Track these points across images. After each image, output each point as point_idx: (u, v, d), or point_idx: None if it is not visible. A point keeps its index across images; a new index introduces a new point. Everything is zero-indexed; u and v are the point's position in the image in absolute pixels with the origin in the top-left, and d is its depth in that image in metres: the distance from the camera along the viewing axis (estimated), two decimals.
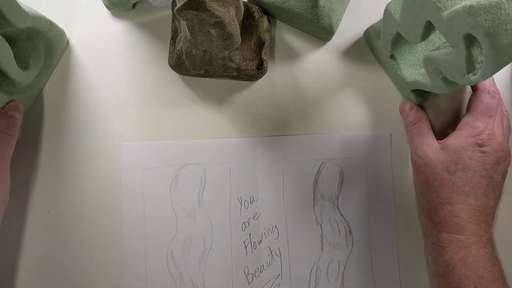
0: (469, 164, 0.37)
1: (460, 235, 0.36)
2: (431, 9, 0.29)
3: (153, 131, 0.46)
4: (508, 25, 0.24)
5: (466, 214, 0.36)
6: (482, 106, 0.39)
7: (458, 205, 0.37)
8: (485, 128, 0.38)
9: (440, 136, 0.41)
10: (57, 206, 0.45)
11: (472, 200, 0.37)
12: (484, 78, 0.28)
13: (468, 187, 0.37)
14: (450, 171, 0.37)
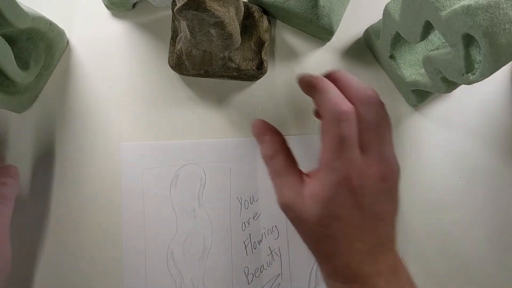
0: (341, 213, 0.30)
1: (356, 283, 0.31)
2: (430, 9, 0.29)
3: (153, 131, 0.46)
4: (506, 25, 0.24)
5: (357, 261, 0.30)
6: (333, 140, 0.30)
7: (344, 256, 0.31)
8: (348, 167, 0.30)
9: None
10: (57, 206, 0.45)
11: (359, 244, 0.30)
12: (483, 78, 0.28)
13: (349, 236, 0.30)
14: (323, 224, 0.30)
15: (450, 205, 0.46)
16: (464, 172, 0.46)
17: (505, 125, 0.47)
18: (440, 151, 0.46)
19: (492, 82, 0.47)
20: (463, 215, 0.46)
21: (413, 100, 0.44)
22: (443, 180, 0.46)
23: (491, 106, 0.47)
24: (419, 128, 0.46)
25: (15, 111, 0.44)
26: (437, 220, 0.46)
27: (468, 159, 0.46)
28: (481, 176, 0.46)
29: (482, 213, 0.46)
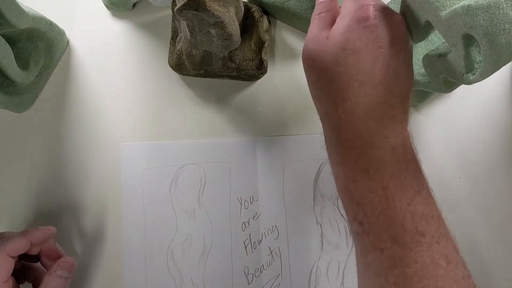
0: (359, 44, 0.29)
1: (358, 139, 0.29)
2: (430, 9, 0.29)
3: (153, 131, 0.46)
4: (506, 25, 0.24)
5: (363, 110, 0.29)
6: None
7: (352, 100, 0.29)
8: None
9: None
10: (57, 206, 0.45)
11: (368, 89, 0.29)
12: (483, 78, 0.28)
13: (361, 74, 0.29)
14: (339, 60, 0.29)
15: (450, 205, 0.46)
16: (464, 172, 0.46)
17: (505, 125, 0.47)
18: (440, 151, 0.46)
19: (492, 82, 0.47)
20: (463, 215, 0.46)
21: (413, 100, 0.44)
22: (443, 180, 0.46)
23: (491, 106, 0.47)
24: (419, 128, 0.46)
25: (15, 111, 0.44)
26: None
27: (468, 159, 0.46)
28: (481, 176, 0.46)
29: (482, 213, 0.46)
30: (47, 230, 0.39)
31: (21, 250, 0.36)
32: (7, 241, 0.36)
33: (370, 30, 0.29)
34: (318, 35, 0.31)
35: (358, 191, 0.29)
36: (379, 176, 0.28)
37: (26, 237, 0.37)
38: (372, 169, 0.28)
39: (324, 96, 0.31)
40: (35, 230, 0.38)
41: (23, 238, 0.37)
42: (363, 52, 0.29)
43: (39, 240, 0.38)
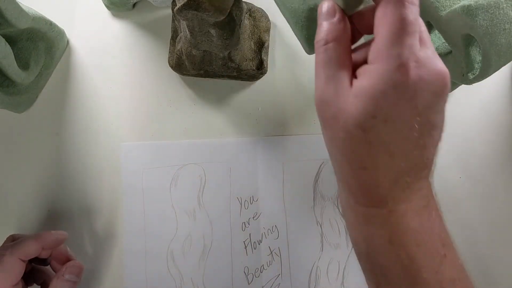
0: (392, 113, 0.25)
1: (382, 209, 0.27)
2: (430, 9, 0.29)
3: (153, 131, 0.46)
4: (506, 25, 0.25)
5: (390, 181, 0.26)
6: (396, 22, 0.24)
7: (378, 172, 0.26)
8: (408, 53, 0.24)
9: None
10: (57, 206, 0.45)
11: (398, 160, 0.26)
12: (483, 78, 0.28)
13: (392, 145, 0.25)
14: (365, 126, 0.25)
15: (450, 205, 0.46)
16: (464, 172, 0.46)
17: (505, 125, 0.47)
18: (440, 151, 0.46)
19: (492, 82, 0.47)
20: (463, 214, 0.46)
21: None
22: (443, 180, 0.46)
23: (491, 106, 0.47)
24: None
25: (15, 111, 0.44)
26: None
27: (468, 159, 0.46)
28: (481, 176, 0.46)
29: (482, 213, 0.46)
30: (60, 235, 0.39)
31: (32, 254, 0.36)
32: (19, 245, 0.36)
33: (408, 97, 0.24)
34: (340, 83, 0.26)
35: (381, 260, 0.27)
36: (404, 245, 0.26)
37: (38, 241, 0.37)
38: (396, 238, 0.26)
39: (342, 158, 0.27)
40: (47, 234, 0.38)
41: (35, 242, 0.36)
42: (396, 123, 0.25)
43: (51, 245, 0.38)
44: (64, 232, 0.39)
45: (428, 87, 0.25)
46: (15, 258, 0.35)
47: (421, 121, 0.25)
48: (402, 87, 0.24)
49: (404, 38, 0.24)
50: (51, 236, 0.38)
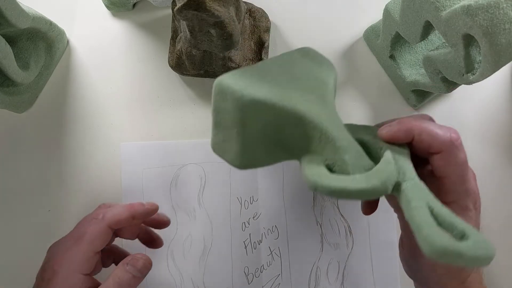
0: None
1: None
2: (430, 9, 0.29)
3: (153, 131, 0.46)
4: (506, 25, 0.25)
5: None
6: (465, 166, 0.30)
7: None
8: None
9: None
10: (57, 206, 0.45)
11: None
12: (483, 78, 0.28)
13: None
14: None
15: None
16: None
17: (505, 125, 0.47)
18: None
19: (492, 82, 0.47)
20: None
21: (413, 100, 0.44)
22: None
23: (491, 106, 0.47)
24: None
25: (15, 111, 0.44)
26: None
27: (468, 159, 0.46)
28: (481, 176, 0.46)
29: (482, 213, 0.46)
30: (150, 205, 0.37)
31: (122, 222, 0.35)
32: (111, 211, 0.35)
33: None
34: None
35: None
36: None
37: (129, 210, 0.35)
38: None
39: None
40: (139, 204, 0.36)
41: (126, 210, 0.35)
42: None
43: (142, 214, 0.36)
44: (154, 203, 0.37)
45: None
46: (104, 225, 0.34)
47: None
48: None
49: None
50: (142, 206, 0.36)
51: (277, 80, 0.29)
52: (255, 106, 0.27)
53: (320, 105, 0.28)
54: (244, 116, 0.27)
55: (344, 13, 0.47)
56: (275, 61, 0.31)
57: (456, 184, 0.29)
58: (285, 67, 0.30)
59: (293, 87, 0.28)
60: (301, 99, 0.28)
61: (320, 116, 0.27)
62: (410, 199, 0.25)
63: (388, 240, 0.45)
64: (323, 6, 0.47)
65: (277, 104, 0.27)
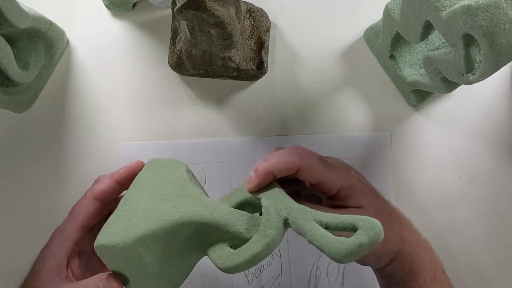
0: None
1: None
2: (430, 9, 0.29)
3: (153, 131, 0.46)
4: (506, 25, 0.25)
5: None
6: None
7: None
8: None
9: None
10: (57, 206, 0.45)
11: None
12: (483, 78, 0.28)
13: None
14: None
15: (450, 205, 0.46)
16: (464, 172, 0.46)
17: (505, 125, 0.47)
18: (440, 151, 0.46)
19: (492, 82, 0.47)
20: (463, 214, 0.46)
21: (413, 100, 0.44)
22: (443, 180, 0.46)
23: (491, 106, 0.47)
24: (419, 128, 0.46)
25: (15, 111, 0.44)
26: (437, 220, 0.46)
27: (468, 159, 0.46)
28: (481, 176, 0.46)
29: (482, 213, 0.46)
30: (133, 165, 0.35)
31: (107, 191, 0.34)
32: (96, 184, 0.35)
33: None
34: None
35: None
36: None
37: (111, 176, 0.34)
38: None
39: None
40: (121, 168, 0.35)
41: (108, 178, 0.34)
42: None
43: (124, 177, 0.35)
44: (138, 161, 0.36)
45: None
46: (89, 198, 0.34)
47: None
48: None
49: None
50: (123, 168, 0.35)
51: (143, 207, 0.30)
52: (141, 242, 0.28)
53: (189, 203, 0.29)
54: (140, 254, 0.28)
55: (344, 13, 0.47)
56: (133, 190, 0.32)
57: (333, 186, 0.32)
58: (142, 189, 0.31)
59: (159, 204, 0.30)
60: (171, 210, 0.29)
61: (193, 212, 0.28)
62: (301, 225, 0.26)
63: None
64: (323, 6, 0.47)
65: (155, 228, 0.28)
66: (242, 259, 0.26)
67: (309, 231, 0.26)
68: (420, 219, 0.46)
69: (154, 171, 0.33)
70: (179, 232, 0.28)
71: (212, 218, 0.28)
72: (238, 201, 0.31)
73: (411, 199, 0.46)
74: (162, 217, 0.28)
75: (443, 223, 0.46)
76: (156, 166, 0.34)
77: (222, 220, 0.28)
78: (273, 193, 0.30)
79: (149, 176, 0.33)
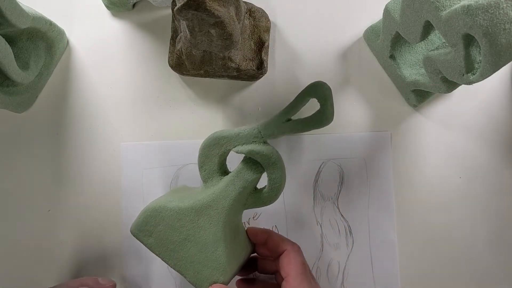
0: None
1: None
2: (430, 9, 0.29)
3: (153, 131, 0.46)
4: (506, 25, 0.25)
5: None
6: (300, 268, 0.37)
7: None
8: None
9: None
10: (57, 206, 0.45)
11: None
12: (483, 78, 0.28)
13: None
14: None
15: (450, 205, 0.46)
16: (464, 172, 0.46)
17: (505, 125, 0.47)
18: (440, 151, 0.46)
19: (492, 82, 0.47)
20: (463, 214, 0.46)
21: (413, 100, 0.44)
22: (443, 180, 0.46)
23: (491, 106, 0.47)
24: (419, 128, 0.46)
25: (15, 111, 0.44)
26: (437, 220, 0.46)
27: (468, 159, 0.46)
28: (481, 176, 0.46)
29: (482, 213, 0.46)
30: (106, 282, 0.39)
31: None
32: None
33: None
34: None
35: None
36: None
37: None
38: None
39: None
40: (93, 280, 0.38)
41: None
42: None
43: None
44: (110, 280, 0.39)
45: None
46: None
47: None
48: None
49: (306, 275, 0.36)
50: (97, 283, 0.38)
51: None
52: (195, 209, 0.37)
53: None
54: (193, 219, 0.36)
55: (344, 13, 0.47)
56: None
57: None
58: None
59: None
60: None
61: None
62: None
63: (388, 240, 0.45)
64: (323, 6, 0.47)
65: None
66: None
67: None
68: (420, 219, 0.46)
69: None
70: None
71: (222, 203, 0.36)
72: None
73: (411, 199, 0.46)
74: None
75: (443, 223, 0.46)
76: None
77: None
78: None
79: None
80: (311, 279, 0.37)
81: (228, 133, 0.39)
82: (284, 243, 0.38)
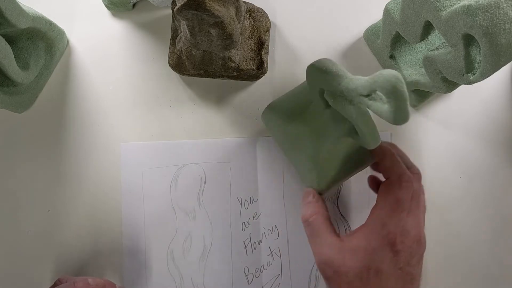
0: (381, 267, 0.33)
1: None
2: (430, 9, 0.29)
3: (153, 131, 0.46)
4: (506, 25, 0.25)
5: None
6: (392, 200, 0.34)
7: None
8: (396, 225, 0.34)
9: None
10: (57, 206, 0.45)
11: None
12: (483, 78, 0.28)
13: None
14: (362, 278, 0.33)
15: (451, 204, 0.46)
16: (464, 172, 0.46)
17: (505, 125, 0.47)
18: (440, 151, 0.46)
19: (492, 82, 0.47)
20: (464, 214, 0.46)
21: (413, 100, 0.44)
22: (443, 180, 0.46)
23: (491, 106, 0.47)
24: (419, 128, 0.46)
25: (15, 111, 0.44)
26: (438, 220, 0.46)
27: (468, 159, 0.46)
28: (481, 176, 0.46)
29: (483, 213, 0.46)
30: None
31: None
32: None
33: (393, 254, 0.33)
34: (329, 243, 0.35)
35: None
36: None
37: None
38: None
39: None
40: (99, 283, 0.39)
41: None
42: (385, 274, 0.33)
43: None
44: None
45: (408, 250, 0.34)
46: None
47: (404, 273, 0.33)
48: (388, 248, 0.33)
49: (397, 213, 0.34)
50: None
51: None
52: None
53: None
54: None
55: (344, 13, 0.47)
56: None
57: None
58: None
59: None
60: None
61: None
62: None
63: None
64: (323, 6, 0.47)
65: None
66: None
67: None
68: None
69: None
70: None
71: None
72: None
73: None
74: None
75: (443, 223, 0.46)
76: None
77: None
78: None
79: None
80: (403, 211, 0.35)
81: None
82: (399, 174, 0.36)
